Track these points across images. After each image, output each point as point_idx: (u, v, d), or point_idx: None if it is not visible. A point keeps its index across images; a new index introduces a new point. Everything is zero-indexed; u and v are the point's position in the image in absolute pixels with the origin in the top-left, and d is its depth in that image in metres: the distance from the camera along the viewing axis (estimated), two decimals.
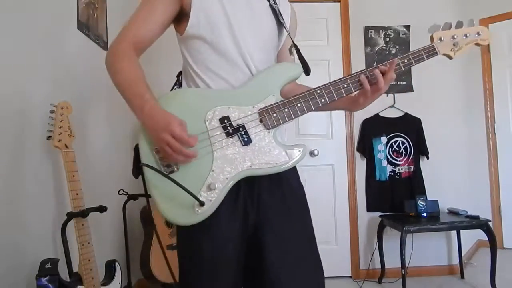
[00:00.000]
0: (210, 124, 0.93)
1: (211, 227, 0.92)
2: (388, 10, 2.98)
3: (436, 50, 1.05)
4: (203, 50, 0.99)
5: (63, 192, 1.60)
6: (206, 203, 0.88)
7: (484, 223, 2.44)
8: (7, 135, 1.33)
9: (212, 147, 0.91)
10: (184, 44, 1.03)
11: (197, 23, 0.97)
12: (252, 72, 1.00)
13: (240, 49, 0.99)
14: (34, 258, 1.37)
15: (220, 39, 0.98)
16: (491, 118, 3.52)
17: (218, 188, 0.89)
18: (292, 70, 1.01)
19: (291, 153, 0.95)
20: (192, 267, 0.97)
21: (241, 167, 0.91)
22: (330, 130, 2.97)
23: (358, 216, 2.91)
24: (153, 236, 2.23)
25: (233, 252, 0.95)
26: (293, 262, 0.96)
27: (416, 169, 2.87)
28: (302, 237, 1.01)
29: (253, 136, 0.94)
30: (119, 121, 2.40)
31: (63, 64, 1.71)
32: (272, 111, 0.95)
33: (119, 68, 0.95)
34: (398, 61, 1.01)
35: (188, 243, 0.98)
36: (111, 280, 1.54)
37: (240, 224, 0.95)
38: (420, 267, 2.80)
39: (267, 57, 1.05)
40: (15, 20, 1.38)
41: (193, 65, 1.01)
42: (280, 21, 1.08)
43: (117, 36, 1.00)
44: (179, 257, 1.01)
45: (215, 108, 0.94)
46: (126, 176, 2.44)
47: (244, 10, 1.01)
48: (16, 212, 1.35)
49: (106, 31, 2.20)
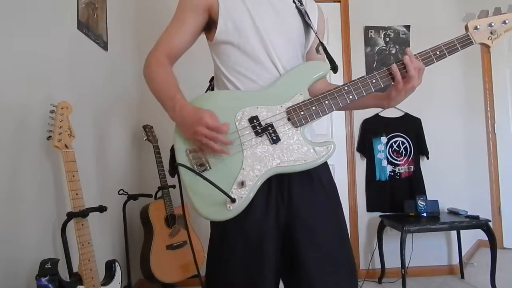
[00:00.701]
0: (240, 124, 0.96)
1: (245, 223, 0.95)
2: (388, 10, 2.98)
3: (471, 40, 1.02)
4: (232, 54, 1.04)
5: (63, 192, 1.60)
6: (238, 200, 0.91)
7: (484, 223, 2.44)
8: (7, 135, 1.33)
9: (242, 146, 0.95)
10: (214, 50, 1.08)
11: (225, 30, 1.02)
12: (280, 72, 1.02)
13: (268, 50, 1.02)
14: (34, 258, 1.37)
15: (247, 41, 1.02)
16: (491, 118, 3.52)
17: (248, 185, 0.92)
18: (319, 68, 1.03)
19: (319, 150, 0.97)
20: (225, 263, 0.99)
21: (270, 165, 0.94)
22: (330, 130, 2.97)
23: (358, 216, 2.91)
24: (153, 236, 2.24)
25: (268, 248, 0.96)
26: (327, 262, 0.97)
27: (416, 169, 2.87)
28: (334, 235, 1.01)
29: (282, 134, 0.96)
30: (119, 121, 2.40)
31: (63, 64, 1.71)
32: (300, 109, 0.97)
33: (153, 75, 1.03)
34: (430, 52, 1.00)
35: (222, 239, 1.00)
36: (111, 280, 1.54)
37: (273, 220, 0.97)
38: (420, 267, 2.80)
39: (294, 57, 1.08)
40: (15, 20, 1.38)
41: (222, 69, 1.05)
42: (307, 21, 1.10)
43: (153, 47, 1.08)
44: (209, 253, 1.04)
45: (244, 109, 0.97)
46: (126, 176, 2.44)
47: (269, 12, 1.05)
48: (16, 212, 1.35)
49: (106, 31, 2.20)
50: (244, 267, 0.96)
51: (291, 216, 0.99)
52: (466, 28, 1.03)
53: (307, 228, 0.98)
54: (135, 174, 2.63)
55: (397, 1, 2.99)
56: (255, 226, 0.96)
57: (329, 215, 1.02)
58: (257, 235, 0.96)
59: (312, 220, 0.99)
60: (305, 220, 0.98)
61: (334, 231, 1.01)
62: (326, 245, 0.98)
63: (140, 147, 2.69)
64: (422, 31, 2.91)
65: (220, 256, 1.01)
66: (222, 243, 1.00)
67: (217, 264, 1.01)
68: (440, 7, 2.97)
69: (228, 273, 0.98)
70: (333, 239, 1.00)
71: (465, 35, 1.02)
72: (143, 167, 2.70)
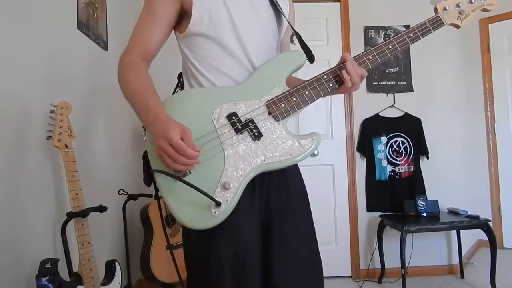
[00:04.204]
0: (218, 122, 0.90)
1: (229, 227, 0.88)
2: (388, 10, 2.98)
3: (442, 21, 1.03)
4: (205, 46, 0.98)
5: (63, 192, 1.60)
6: (223, 203, 0.85)
7: (484, 223, 2.44)
8: (7, 135, 1.33)
9: (222, 145, 0.89)
10: (185, 42, 1.02)
11: (199, 21, 0.96)
12: (254, 66, 0.99)
13: (242, 43, 0.98)
14: (34, 258, 1.37)
15: (223, 34, 0.97)
16: (491, 118, 3.52)
17: (233, 186, 0.86)
18: (296, 58, 1.00)
19: (304, 143, 0.92)
20: (209, 270, 0.91)
21: (255, 163, 0.89)
22: (330, 130, 2.97)
23: (358, 216, 2.91)
24: (153, 236, 2.24)
25: (253, 252, 0.92)
26: (292, 263, 0.96)
27: (416, 169, 2.87)
28: (303, 237, 1.00)
29: (263, 129, 0.92)
30: (119, 120, 2.40)
31: (63, 64, 1.71)
32: (280, 101, 0.94)
33: (125, 80, 0.97)
34: (404, 36, 1.01)
35: (206, 248, 0.92)
36: (111, 280, 1.54)
37: (257, 221, 0.94)
38: (420, 267, 2.80)
39: (269, 50, 1.04)
40: (15, 20, 1.38)
41: (195, 63, 1.00)
42: (279, 10, 1.06)
43: (126, 47, 1.00)
44: (189, 260, 0.96)
45: (221, 106, 0.92)
46: (126, 176, 2.44)
47: (243, 3, 1.01)
48: (16, 212, 1.35)
49: (106, 31, 2.20)
50: (231, 274, 0.90)
51: (268, 216, 0.97)
52: (435, 10, 1.05)
53: (279, 230, 0.96)
54: (135, 174, 2.63)
55: (397, 1, 2.99)
56: (241, 230, 0.90)
57: (300, 218, 1.00)
58: (244, 242, 0.91)
59: (284, 222, 0.97)
60: (280, 221, 0.97)
61: (303, 236, 1.00)
62: (294, 250, 0.97)
63: (140, 147, 2.69)
64: None
65: (207, 266, 0.92)
66: (207, 252, 0.91)
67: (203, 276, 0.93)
68: None
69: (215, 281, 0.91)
70: (302, 244, 0.99)
71: (435, 17, 1.04)
72: None
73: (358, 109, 2.95)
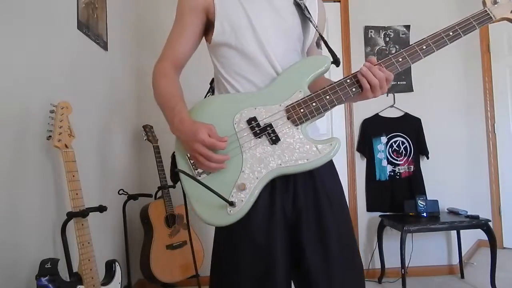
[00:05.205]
0: (238, 127, 0.94)
1: (250, 227, 0.93)
2: (388, 10, 2.98)
3: (490, 15, 0.95)
4: (230, 56, 1.02)
5: (63, 192, 1.60)
6: (238, 203, 0.89)
7: (484, 223, 2.43)
8: (7, 135, 1.33)
9: (241, 148, 0.93)
10: (213, 52, 1.07)
11: (222, 31, 1.01)
12: (277, 71, 1.00)
13: (265, 51, 0.99)
14: (34, 258, 1.37)
15: (244, 42, 1.00)
16: (491, 118, 3.52)
17: (249, 188, 0.90)
18: (319, 63, 1.00)
19: (322, 148, 0.93)
20: (233, 270, 0.96)
21: (271, 166, 0.92)
22: (330, 130, 2.97)
23: (358, 216, 2.91)
24: (153, 236, 2.24)
25: (277, 251, 0.93)
26: (332, 266, 0.95)
27: (416, 169, 2.87)
28: (338, 237, 0.97)
29: (281, 134, 0.93)
30: (119, 121, 2.40)
31: (63, 64, 1.71)
32: (299, 106, 0.94)
33: (156, 87, 1.03)
34: (441, 34, 0.96)
35: (227, 244, 0.98)
36: (111, 280, 1.54)
37: (280, 222, 0.95)
38: (420, 267, 2.80)
39: (293, 54, 1.05)
40: (15, 20, 1.38)
41: (222, 71, 1.04)
42: (306, 15, 1.06)
43: (159, 57, 1.07)
44: (214, 258, 1.01)
45: (242, 111, 0.95)
46: (126, 176, 2.44)
47: (266, 10, 1.02)
48: (16, 212, 1.35)
49: (106, 31, 2.20)
50: (253, 273, 0.93)
51: (296, 218, 0.96)
52: (483, 3, 0.95)
53: (312, 232, 0.96)
54: (135, 174, 2.63)
55: (397, 1, 2.99)
56: (261, 230, 0.93)
57: (332, 218, 0.98)
58: (264, 239, 0.93)
59: (316, 223, 0.96)
60: (310, 223, 0.96)
61: (338, 236, 0.98)
62: (333, 247, 0.95)
63: (140, 147, 2.69)
64: (422, 31, 2.88)
65: (227, 262, 0.97)
66: (228, 248, 0.97)
67: (224, 271, 0.98)
68: (440, 7, 2.97)
69: (237, 280, 0.95)
70: (339, 241, 0.97)
71: (482, 11, 0.94)
72: (143, 167, 2.70)
73: (358, 109, 2.94)
